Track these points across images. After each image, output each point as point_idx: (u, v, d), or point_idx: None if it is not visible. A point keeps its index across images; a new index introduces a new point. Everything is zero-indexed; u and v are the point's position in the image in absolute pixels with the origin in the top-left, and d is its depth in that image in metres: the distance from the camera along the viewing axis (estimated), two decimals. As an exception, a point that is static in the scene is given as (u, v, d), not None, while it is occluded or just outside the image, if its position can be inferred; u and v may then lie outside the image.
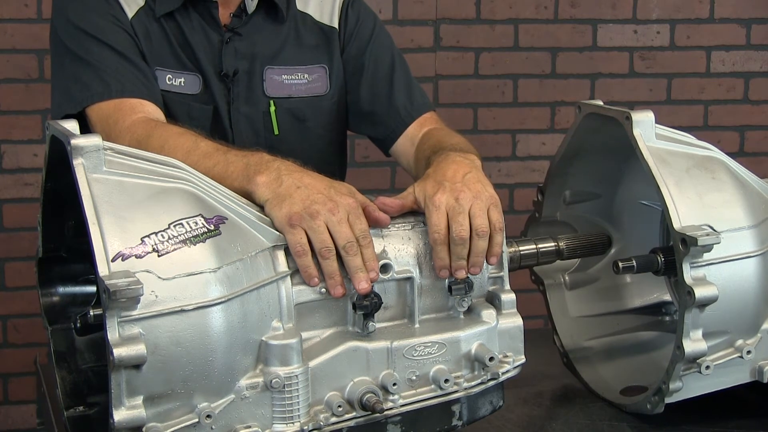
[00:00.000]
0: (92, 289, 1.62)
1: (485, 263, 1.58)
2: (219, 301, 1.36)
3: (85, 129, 1.87)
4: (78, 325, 1.51)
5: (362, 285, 1.48)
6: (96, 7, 1.97)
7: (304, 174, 1.54)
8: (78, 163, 1.37)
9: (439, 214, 1.55)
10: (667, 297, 2.00)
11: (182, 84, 2.00)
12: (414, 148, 2.03)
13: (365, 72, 2.12)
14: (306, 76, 2.09)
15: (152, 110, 1.89)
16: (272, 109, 2.06)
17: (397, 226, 1.57)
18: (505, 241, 1.61)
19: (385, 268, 1.52)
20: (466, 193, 1.56)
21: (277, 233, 1.47)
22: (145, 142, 1.74)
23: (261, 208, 1.51)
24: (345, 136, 2.21)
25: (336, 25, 2.12)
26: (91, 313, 1.48)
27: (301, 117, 2.09)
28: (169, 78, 1.99)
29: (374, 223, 1.53)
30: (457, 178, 1.59)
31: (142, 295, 1.28)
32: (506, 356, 1.59)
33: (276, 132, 2.07)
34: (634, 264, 1.80)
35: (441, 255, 1.54)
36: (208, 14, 2.03)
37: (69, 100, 1.92)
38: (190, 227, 1.38)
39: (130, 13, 1.99)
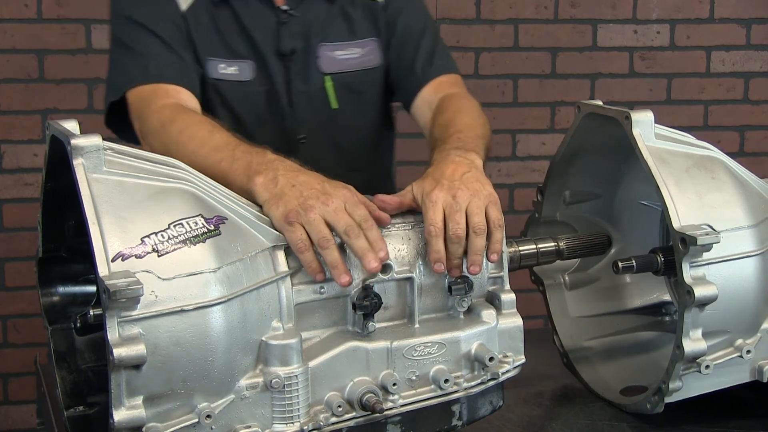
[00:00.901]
0: (92, 288, 1.62)
1: (485, 262, 1.58)
2: (219, 301, 1.36)
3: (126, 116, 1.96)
4: (78, 324, 1.51)
5: (372, 264, 1.47)
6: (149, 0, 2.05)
7: (299, 173, 1.55)
8: (78, 163, 1.37)
9: (435, 210, 1.55)
10: (667, 297, 2.00)
11: (235, 72, 2.06)
12: (431, 113, 2.04)
13: (395, 38, 2.17)
14: (358, 50, 2.14)
15: (187, 98, 1.94)
16: (328, 84, 2.11)
17: (397, 226, 1.57)
18: (505, 241, 1.61)
19: (385, 268, 1.52)
20: (463, 191, 1.57)
21: (277, 233, 1.47)
22: (167, 127, 1.79)
23: (261, 208, 1.52)
24: (391, 107, 2.27)
25: (380, 0, 2.17)
26: (91, 313, 1.48)
27: (357, 90, 2.15)
28: (221, 67, 2.05)
29: (376, 222, 1.53)
30: (455, 177, 1.60)
31: (142, 295, 1.29)
32: (506, 356, 1.60)
33: (334, 106, 2.12)
34: (634, 264, 1.80)
35: (437, 248, 1.54)
36: None
37: (111, 88, 2.00)
38: (190, 227, 1.38)
39: (184, 5, 2.04)
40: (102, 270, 1.30)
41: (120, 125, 2.03)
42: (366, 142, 2.20)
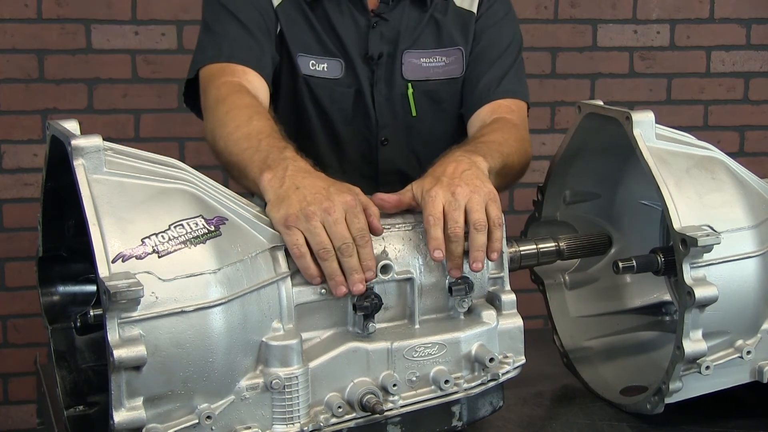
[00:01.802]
0: (92, 288, 1.62)
1: (486, 261, 1.58)
2: (219, 302, 1.36)
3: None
4: (78, 324, 1.51)
5: (357, 287, 1.48)
6: None
7: (307, 174, 1.55)
8: (78, 164, 1.37)
9: (434, 204, 1.54)
10: (667, 297, 1.99)
11: (325, 69, 2.08)
12: None
13: (476, 48, 2.16)
14: (444, 59, 2.14)
15: (252, 79, 1.95)
16: (410, 91, 2.12)
17: (397, 226, 1.57)
18: (505, 241, 1.61)
19: (385, 268, 1.52)
20: (463, 188, 1.56)
21: (277, 234, 1.47)
22: (219, 104, 1.83)
23: (261, 209, 1.52)
24: None
25: (474, 10, 2.16)
26: (91, 313, 1.48)
27: (438, 99, 2.15)
28: (312, 63, 2.08)
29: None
30: (455, 174, 1.60)
31: (142, 296, 1.28)
32: (506, 357, 1.60)
33: (414, 114, 2.13)
34: (634, 264, 1.80)
35: (435, 235, 1.53)
36: (357, 0, 2.09)
37: (191, 67, 2.03)
38: (191, 228, 1.38)
39: (276, 1, 2.06)
40: (102, 271, 1.30)
41: (195, 103, 2.05)
42: (443, 151, 2.18)
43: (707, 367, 1.66)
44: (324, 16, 2.08)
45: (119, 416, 1.31)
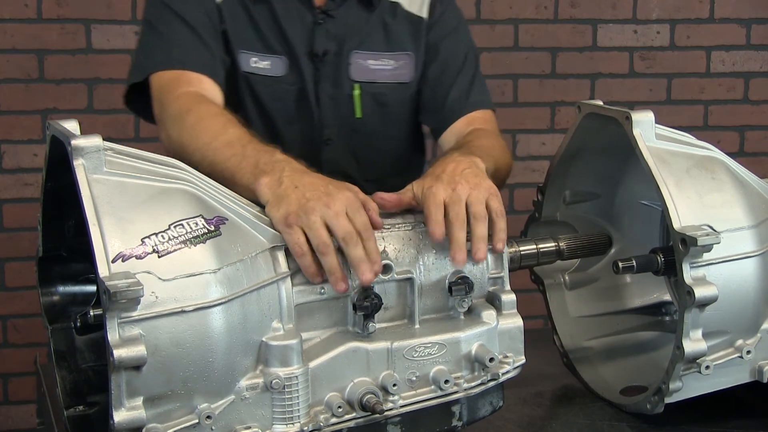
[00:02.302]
0: (92, 288, 1.62)
1: (486, 262, 1.58)
2: (219, 302, 1.36)
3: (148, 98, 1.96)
4: (78, 324, 1.52)
5: (366, 276, 1.46)
6: None
7: (304, 174, 1.54)
8: (78, 164, 1.37)
9: (436, 201, 1.54)
10: (667, 297, 1.99)
11: (267, 66, 2.06)
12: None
13: (436, 62, 2.15)
14: (392, 62, 2.13)
15: (208, 87, 1.93)
16: (356, 92, 2.10)
17: (397, 226, 1.57)
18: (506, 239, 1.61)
19: (385, 268, 1.52)
20: (463, 185, 1.56)
21: (277, 234, 1.47)
22: (185, 115, 1.79)
23: (261, 209, 1.52)
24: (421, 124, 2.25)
25: (425, 15, 2.15)
26: (91, 313, 1.48)
27: (384, 102, 2.13)
28: (254, 60, 2.05)
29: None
30: (455, 173, 1.60)
31: (142, 296, 1.28)
32: (506, 357, 1.59)
33: (358, 115, 2.11)
34: (634, 264, 1.80)
35: (437, 218, 1.52)
36: None
37: (137, 69, 2.00)
38: (191, 228, 1.38)
39: None
40: (102, 271, 1.30)
41: (137, 105, 2.03)
42: (388, 156, 2.18)
43: (707, 367, 1.66)
44: (268, 12, 2.05)
45: (119, 416, 1.31)
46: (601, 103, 1.83)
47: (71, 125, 1.46)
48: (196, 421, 1.38)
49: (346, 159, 2.13)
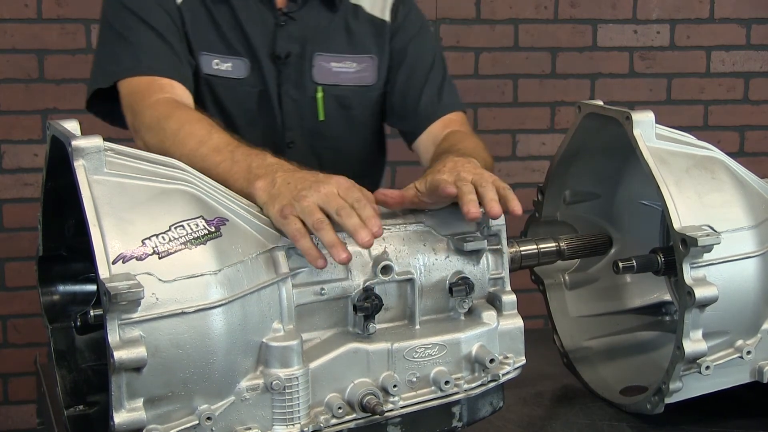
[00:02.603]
0: (92, 287, 1.62)
1: (486, 262, 1.59)
2: (220, 303, 1.36)
3: (116, 102, 1.94)
4: (78, 324, 1.51)
5: (365, 238, 1.41)
6: None
7: (296, 172, 1.55)
8: (79, 165, 1.37)
9: (448, 178, 1.53)
10: (667, 297, 2.00)
11: (229, 68, 2.04)
12: (434, 148, 2.03)
13: (404, 65, 2.15)
14: (354, 65, 2.12)
15: (180, 92, 1.92)
16: (319, 95, 2.09)
17: (397, 226, 1.57)
18: (505, 241, 1.61)
19: (385, 269, 1.52)
20: (467, 173, 1.56)
21: (277, 234, 1.47)
22: (164, 122, 1.77)
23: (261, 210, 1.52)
24: (383, 126, 2.25)
25: (387, 18, 2.15)
26: (91, 313, 1.48)
27: (347, 105, 2.12)
28: (216, 63, 2.04)
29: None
30: (456, 167, 1.60)
31: (142, 297, 1.28)
32: (507, 357, 1.59)
33: (321, 117, 2.10)
34: (634, 264, 1.80)
35: (467, 191, 1.49)
36: None
37: (102, 74, 1.97)
38: (191, 229, 1.38)
39: None
40: (103, 272, 1.30)
41: (101, 108, 2.02)
42: (351, 159, 2.16)
43: (707, 367, 1.66)
44: (230, 14, 2.04)
45: (119, 417, 1.31)
46: (601, 103, 1.83)
47: (72, 125, 1.46)
48: (197, 422, 1.38)
49: (309, 162, 2.09)
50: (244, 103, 2.05)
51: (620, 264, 1.80)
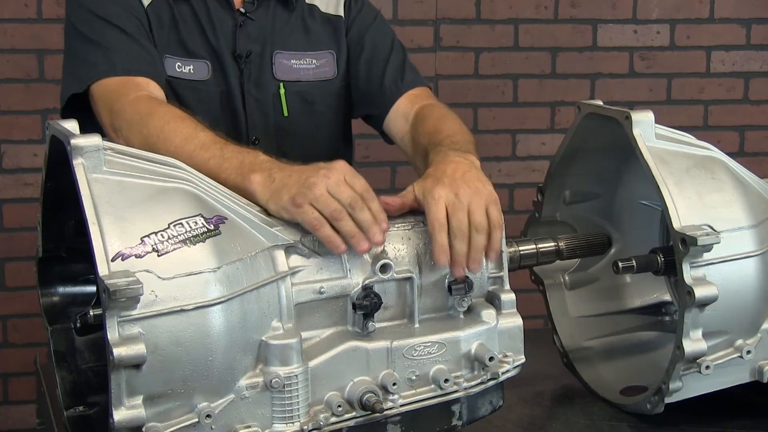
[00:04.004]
0: (92, 289, 1.62)
1: (484, 261, 1.58)
2: (219, 300, 1.36)
3: (89, 110, 1.92)
4: (78, 325, 1.51)
5: (377, 237, 1.49)
6: None
7: (293, 166, 1.57)
8: (78, 163, 1.37)
9: (438, 206, 1.55)
10: (667, 297, 2.00)
11: (191, 71, 2.05)
12: (409, 126, 2.04)
13: (363, 54, 2.17)
14: (314, 61, 2.14)
15: (156, 91, 1.92)
16: (281, 91, 2.11)
17: (397, 226, 1.57)
18: (504, 240, 1.61)
19: (384, 267, 1.52)
20: (465, 189, 1.57)
21: (277, 233, 1.47)
22: (147, 119, 1.77)
23: (261, 209, 1.52)
24: (350, 121, 2.26)
25: (341, 14, 2.18)
26: (91, 313, 1.48)
27: (310, 99, 2.14)
28: (178, 65, 2.04)
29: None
30: (456, 175, 1.60)
31: (141, 294, 1.28)
32: (506, 356, 1.59)
33: (285, 114, 2.11)
34: (634, 264, 1.80)
35: (441, 240, 1.53)
36: None
37: (75, 80, 1.96)
38: (190, 227, 1.38)
39: (146, 1, 2.04)
40: (102, 270, 1.30)
41: (75, 116, 2.02)
42: (316, 155, 2.13)
43: (707, 367, 1.66)
44: (191, 15, 2.06)
45: (119, 415, 1.31)
46: (601, 103, 1.83)
47: (71, 125, 1.46)
48: (196, 420, 1.38)
49: None
50: (207, 104, 2.06)
51: (620, 264, 1.80)
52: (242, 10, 2.09)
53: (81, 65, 1.97)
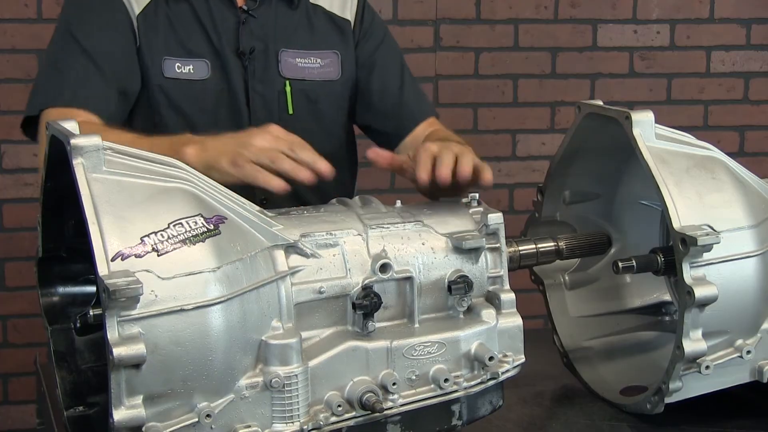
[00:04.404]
0: (92, 289, 1.62)
1: (485, 261, 1.60)
2: (218, 300, 1.36)
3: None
4: (78, 325, 1.51)
5: (302, 174, 1.54)
6: (95, 7, 2.05)
7: (221, 135, 1.65)
8: (78, 163, 1.37)
9: (427, 151, 1.63)
10: (667, 297, 2.00)
11: (191, 71, 2.06)
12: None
13: (377, 68, 2.21)
14: (319, 60, 2.16)
15: (94, 121, 1.96)
16: (287, 89, 2.12)
17: (396, 225, 1.57)
18: (504, 240, 1.61)
19: (384, 267, 1.52)
20: (453, 147, 1.66)
21: (277, 233, 1.47)
22: None
23: (261, 209, 1.52)
24: (353, 122, 2.28)
25: (350, 18, 2.20)
26: (91, 313, 1.48)
27: (314, 98, 2.16)
28: (177, 66, 2.06)
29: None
30: (445, 143, 1.69)
31: (141, 294, 1.28)
32: (506, 356, 1.59)
33: (290, 111, 2.13)
34: (634, 264, 1.80)
35: (427, 164, 1.61)
36: None
37: (30, 104, 2.04)
38: (190, 227, 1.38)
39: (138, 8, 2.05)
40: (102, 269, 1.30)
41: (30, 131, 2.08)
42: (320, 153, 2.18)
43: (707, 367, 1.66)
44: (191, 15, 2.07)
45: (119, 414, 1.31)
46: (601, 103, 1.83)
47: (70, 125, 1.46)
48: (196, 419, 1.38)
49: None
50: (206, 103, 2.07)
51: (620, 264, 1.80)
52: (245, 7, 2.10)
53: (39, 88, 2.03)
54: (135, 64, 2.04)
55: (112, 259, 1.31)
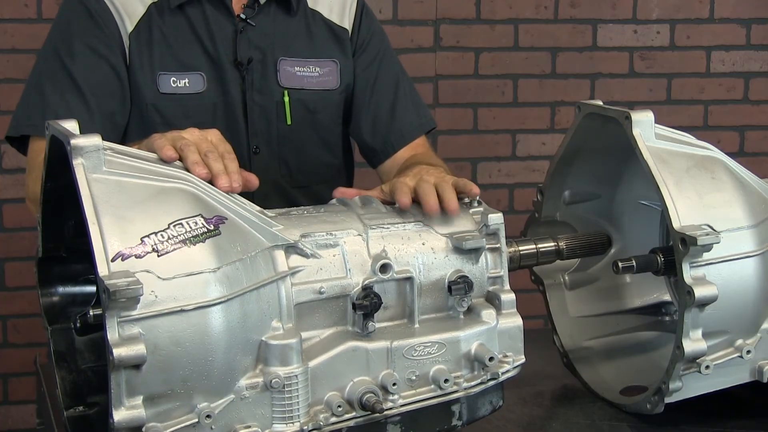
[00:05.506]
0: (92, 289, 1.62)
1: (485, 261, 1.59)
2: (219, 301, 1.36)
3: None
4: (78, 325, 1.51)
5: (221, 182, 1.46)
6: (82, 29, 2.03)
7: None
8: (78, 163, 1.37)
9: (404, 185, 1.60)
10: (667, 297, 2.00)
11: (186, 84, 2.04)
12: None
13: (369, 85, 2.18)
14: (317, 69, 2.13)
15: None
16: (286, 99, 2.10)
17: (396, 225, 1.57)
18: (504, 240, 1.61)
19: (384, 267, 1.52)
20: (430, 175, 1.65)
21: (277, 233, 1.47)
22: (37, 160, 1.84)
23: (261, 209, 1.52)
24: (348, 130, 2.27)
25: (347, 27, 2.17)
26: (91, 313, 1.48)
27: (312, 109, 2.14)
28: (173, 81, 2.04)
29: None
30: (422, 172, 1.69)
31: (141, 295, 1.28)
32: (506, 356, 1.60)
33: (289, 122, 2.11)
34: (634, 264, 1.80)
35: (406, 191, 1.58)
36: (221, 4, 2.07)
37: (13, 125, 2.03)
38: (190, 227, 1.38)
39: (131, 26, 2.03)
40: (102, 270, 1.30)
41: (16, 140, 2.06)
42: (316, 164, 2.18)
43: (707, 367, 1.66)
44: (187, 27, 2.05)
45: (119, 415, 1.31)
46: (601, 103, 1.83)
47: (70, 125, 1.46)
48: (196, 420, 1.38)
49: (275, 167, 2.12)
50: (202, 117, 2.04)
51: (620, 264, 1.80)
52: (242, 16, 2.07)
53: (24, 110, 2.03)
54: (123, 87, 2.02)
55: (112, 260, 1.31)
